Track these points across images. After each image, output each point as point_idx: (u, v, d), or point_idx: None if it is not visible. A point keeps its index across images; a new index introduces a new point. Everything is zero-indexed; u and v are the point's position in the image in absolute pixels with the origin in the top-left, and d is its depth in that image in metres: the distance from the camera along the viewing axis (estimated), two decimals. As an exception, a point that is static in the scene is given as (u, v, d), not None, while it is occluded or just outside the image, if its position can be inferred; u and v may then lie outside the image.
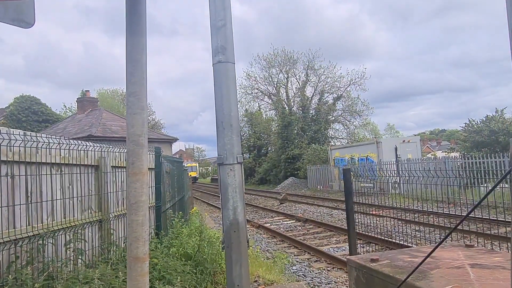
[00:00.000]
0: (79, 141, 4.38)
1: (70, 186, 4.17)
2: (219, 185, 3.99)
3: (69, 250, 3.88)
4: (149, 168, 6.22)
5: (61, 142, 3.86)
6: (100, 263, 4.10)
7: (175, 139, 24.77)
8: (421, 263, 1.15)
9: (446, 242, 7.20)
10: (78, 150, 4.19)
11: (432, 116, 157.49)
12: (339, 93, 37.43)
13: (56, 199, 3.80)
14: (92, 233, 4.52)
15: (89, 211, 4.56)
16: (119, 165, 5.32)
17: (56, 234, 3.74)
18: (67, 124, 22.76)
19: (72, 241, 3.92)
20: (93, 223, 4.55)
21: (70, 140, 4.13)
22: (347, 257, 1.85)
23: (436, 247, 1.17)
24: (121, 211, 5.22)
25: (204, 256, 5.30)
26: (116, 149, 5.23)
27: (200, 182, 63.63)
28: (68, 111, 42.31)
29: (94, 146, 4.58)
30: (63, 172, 3.99)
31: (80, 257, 3.99)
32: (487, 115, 21.60)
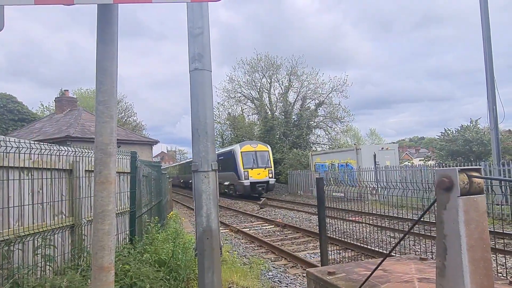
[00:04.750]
0: (52, 145, 4.31)
1: (41, 191, 4.10)
2: (193, 191, 4.01)
3: (38, 256, 3.80)
4: (124, 173, 6.17)
5: (31, 146, 3.79)
6: (70, 270, 4.03)
7: (156, 142, 24.53)
8: (367, 279, 1.21)
9: (405, 253, 7.31)
10: (50, 155, 4.12)
11: (411, 124, 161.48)
12: (321, 99, 37.86)
13: (24, 205, 3.72)
14: (62, 239, 4.45)
15: (61, 216, 4.48)
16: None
17: (24, 240, 3.67)
18: (44, 124, 22.23)
19: (41, 247, 3.85)
20: (65, 229, 4.48)
21: (42, 145, 4.06)
22: (307, 269, 1.90)
23: (382, 261, 1.23)
24: (94, 216, 5.15)
25: (178, 263, 5.28)
26: (91, 153, 5.16)
27: (179, 185, 47.05)
28: (46, 110, 41.34)
29: (67, 150, 4.51)
30: (33, 177, 3.92)
31: (49, 263, 3.92)
32: (462, 125, 22.30)
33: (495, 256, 6.81)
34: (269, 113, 38.34)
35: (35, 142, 3.95)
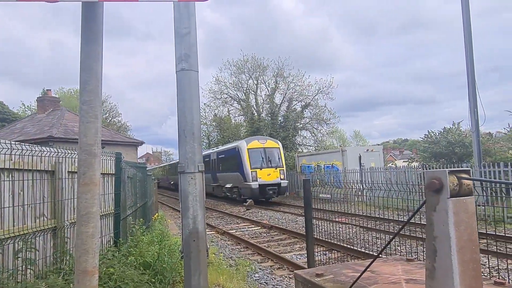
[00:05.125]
0: (34, 146, 4.21)
1: (22, 192, 3.99)
2: (179, 193, 3.97)
3: (18, 260, 3.70)
4: (109, 174, 6.06)
5: (12, 147, 3.68)
6: (52, 274, 3.93)
7: (141, 143, 24.23)
8: (355, 281, 1.21)
9: (390, 254, 7.41)
10: (32, 156, 4.02)
11: (395, 126, 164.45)
12: (307, 101, 38.06)
13: (3, 207, 3.61)
14: (44, 242, 4.33)
15: (42, 218, 4.37)
16: (77, 171, 5.15)
17: (4, 243, 3.56)
18: (26, 124, 21.72)
19: (22, 250, 3.75)
20: (47, 231, 4.37)
21: (23, 145, 3.95)
22: (295, 271, 1.89)
23: (371, 263, 1.24)
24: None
25: (163, 265, 5.21)
26: (74, 154, 5.06)
27: (169, 187, 46.05)
28: (27, 110, 40.45)
29: (49, 151, 4.40)
30: (14, 178, 3.81)
31: (30, 267, 3.81)
32: (445, 127, 22.74)
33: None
34: (256, 114, 38.35)
35: (16, 143, 3.85)
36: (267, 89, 39.28)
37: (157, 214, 13.72)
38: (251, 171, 20.62)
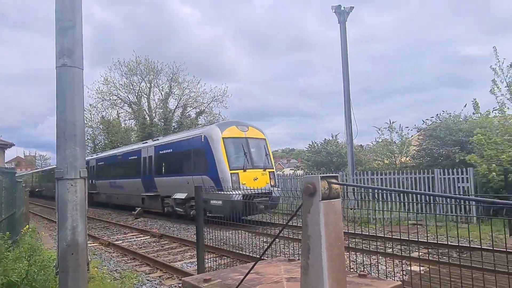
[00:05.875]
0: None
1: None
2: (56, 202, 3.59)
3: None
4: (-36, 181, 5.13)
5: None
6: None
7: (10, 145, 21.08)
8: (240, 283, 1.26)
9: (276, 256, 7.90)
10: None
11: (284, 136, 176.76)
12: (202, 108, 38.21)
13: None
14: None
15: None
16: None
17: None
18: None
19: None
20: None
21: None
22: (182, 278, 1.88)
23: (253, 265, 1.31)
24: None
25: (33, 284, 4.60)
26: None
27: (49, 195, 38.33)
28: None
29: None
30: None
31: None
32: (325, 139, 25.27)
33: (348, 253, 7.84)
34: (148, 119, 36.95)
35: None
36: (161, 93, 38.28)
37: (27, 226, 12.07)
38: (231, 173, 13.26)
